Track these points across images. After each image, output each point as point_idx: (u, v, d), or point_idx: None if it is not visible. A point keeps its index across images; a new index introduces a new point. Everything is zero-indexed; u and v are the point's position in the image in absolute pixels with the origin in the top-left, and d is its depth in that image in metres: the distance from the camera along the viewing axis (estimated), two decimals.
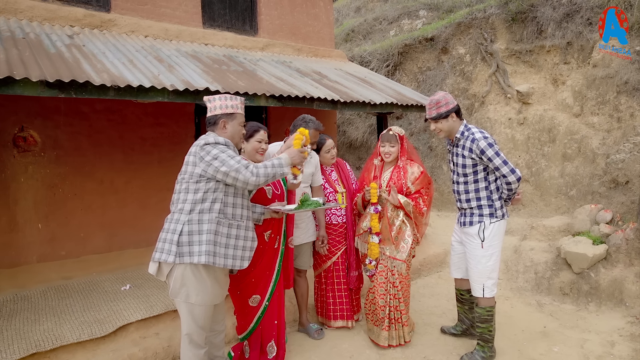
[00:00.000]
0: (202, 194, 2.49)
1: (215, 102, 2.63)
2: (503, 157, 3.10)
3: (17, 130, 4.63)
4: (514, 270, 5.21)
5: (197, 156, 2.49)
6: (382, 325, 3.56)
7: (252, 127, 3.08)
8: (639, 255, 4.43)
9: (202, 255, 2.44)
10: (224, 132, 2.63)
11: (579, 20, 6.86)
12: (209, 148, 2.47)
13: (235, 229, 2.57)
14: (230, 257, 2.54)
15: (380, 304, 3.53)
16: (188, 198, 2.52)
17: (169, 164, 5.67)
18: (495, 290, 3.31)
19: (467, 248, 3.35)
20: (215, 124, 2.63)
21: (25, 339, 3.09)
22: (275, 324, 3.19)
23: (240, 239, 2.59)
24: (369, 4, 13.94)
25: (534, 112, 7.18)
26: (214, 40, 5.68)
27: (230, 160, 2.43)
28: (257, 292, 3.11)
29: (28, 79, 2.95)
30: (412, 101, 5.62)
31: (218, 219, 2.50)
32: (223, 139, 2.54)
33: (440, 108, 3.22)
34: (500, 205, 3.27)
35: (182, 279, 2.50)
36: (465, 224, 3.33)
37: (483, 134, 3.16)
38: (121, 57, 4.11)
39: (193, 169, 2.50)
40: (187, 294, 2.51)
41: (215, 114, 2.63)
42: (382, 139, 3.61)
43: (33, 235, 4.73)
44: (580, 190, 6.19)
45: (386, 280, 3.55)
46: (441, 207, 8.04)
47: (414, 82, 9.26)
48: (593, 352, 3.52)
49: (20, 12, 4.42)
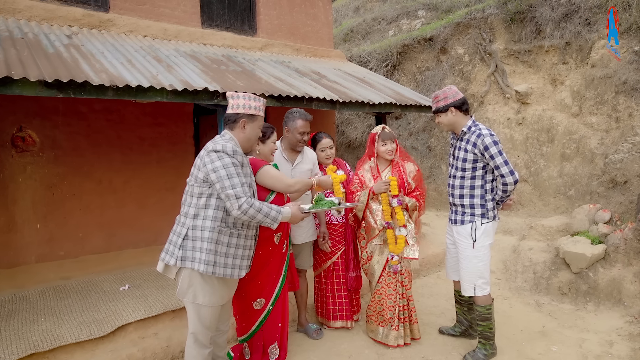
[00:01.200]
0: (205, 199, 2.48)
1: (239, 100, 2.59)
2: (505, 157, 3.12)
3: (16, 130, 4.63)
4: (512, 270, 5.21)
5: (202, 160, 2.47)
6: (392, 326, 3.57)
7: (268, 128, 3.02)
8: (637, 255, 4.44)
9: (202, 263, 2.45)
10: (242, 132, 2.60)
11: (578, 21, 6.87)
12: (214, 156, 2.43)
13: (236, 238, 2.55)
14: (230, 266, 2.53)
15: (388, 304, 3.54)
16: (193, 202, 2.51)
17: (168, 164, 5.68)
18: (488, 289, 3.31)
19: (459, 248, 3.36)
20: (235, 122, 2.59)
21: (24, 340, 3.08)
22: (279, 326, 3.18)
23: (240, 248, 2.58)
24: (368, 4, 13.94)
25: (532, 112, 7.19)
26: (213, 40, 5.68)
27: (226, 181, 2.38)
28: (263, 296, 3.09)
29: (26, 79, 2.95)
30: (411, 101, 5.62)
31: (220, 228, 2.49)
32: (231, 147, 2.46)
33: (439, 102, 3.31)
34: (492, 206, 3.28)
35: (189, 279, 2.50)
36: (457, 222, 3.34)
37: (490, 131, 3.19)
38: (120, 57, 4.11)
39: (198, 172, 2.49)
40: (194, 295, 2.52)
41: (237, 112, 2.58)
42: (382, 138, 3.59)
43: (31, 236, 4.72)
44: (579, 190, 6.20)
45: (395, 281, 3.56)
46: (440, 207, 8.04)
47: (412, 82, 9.27)
48: (591, 352, 3.52)
49: (18, 12, 4.41)
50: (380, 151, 3.60)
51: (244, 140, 2.63)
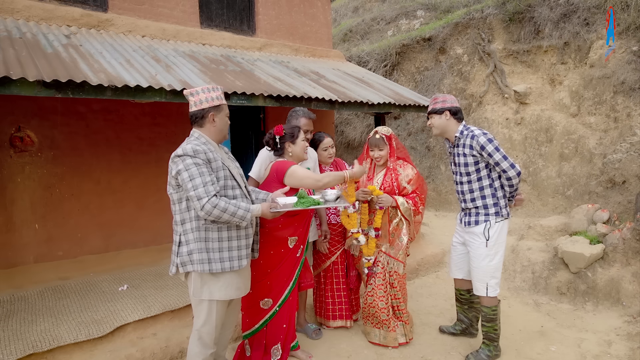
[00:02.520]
0: (185, 202, 2.51)
1: (200, 96, 2.55)
2: (503, 152, 3.14)
3: (14, 130, 4.62)
4: (511, 270, 5.22)
5: (170, 167, 2.52)
6: (388, 327, 3.57)
7: (295, 128, 3.13)
8: (635, 255, 4.44)
9: (197, 264, 2.48)
10: (212, 126, 2.58)
11: (576, 21, 6.88)
12: (178, 160, 2.45)
13: (225, 231, 2.54)
14: (227, 259, 2.53)
15: (380, 307, 3.53)
16: (177, 209, 2.55)
17: (167, 164, 5.61)
18: (498, 290, 3.32)
19: (471, 247, 3.36)
20: (203, 117, 2.55)
21: (22, 340, 3.07)
22: (284, 327, 3.18)
23: (233, 239, 2.56)
24: (367, 4, 13.95)
25: (531, 112, 7.20)
26: (212, 40, 5.67)
27: (188, 183, 2.39)
28: (271, 296, 3.11)
29: (25, 79, 2.94)
30: (410, 101, 5.62)
31: (205, 226, 2.49)
32: (191, 148, 2.43)
33: (436, 104, 3.35)
34: (504, 204, 3.30)
35: (200, 279, 2.53)
36: (470, 223, 3.34)
37: (482, 131, 3.23)
38: (118, 57, 4.10)
39: (171, 179, 2.53)
40: (210, 292, 2.54)
41: (202, 108, 2.54)
42: (370, 144, 3.58)
43: (30, 236, 4.71)
44: (577, 190, 6.21)
45: (384, 282, 3.55)
46: (439, 207, 8.05)
47: (411, 82, 9.27)
48: (590, 352, 3.53)
49: (17, 12, 4.40)
50: (371, 156, 3.62)
51: (216, 133, 2.61)
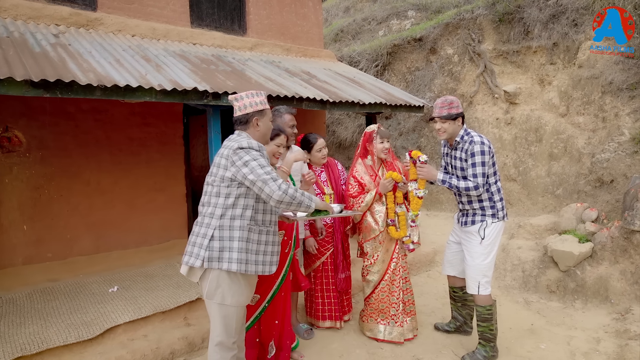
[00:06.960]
0: (233, 199, 2.45)
1: (244, 101, 2.58)
2: (482, 170, 3.15)
3: (2, 131, 4.56)
4: (501, 268, 5.26)
5: (229, 160, 2.43)
6: (396, 322, 3.62)
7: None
8: (623, 253, 4.50)
9: (234, 262, 2.42)
10: (256, 130, 2.59)
11: (565, 22, 6.95)
12: (242, 153, 2.41)
13: (265, 234, 2.55)
14: (261, 263, 2.53)
15: (392, 301, 3.60)
16: (219, 202, 2.47)
17: (157, 165, 5.63)
18: (490, 289, 3.35)
19: (466, 245, 3.39)
20: (247, 122, 2.57)
21: (11, 343, 3.04)
22: (276, 324, 3.19)
23: (269, 244, 2.58)
24: (358, 4, 13.97)
25: (521, 112, 7.25)
26: (202, 40, 5.65)
27: (259, 169, 2.36)
28: (259, 292, 3.10)
29: (12, 79, 2.91)
30: (401, 101, 5.65)
31: (249, 226, 2.48)
32: (256, 143, 2.47)
33: (452, 109, 3.27)
34: (501, 206, 3.33)
35: (217, 281, 2.47)
36: (467, 223, 3.37)
37: (482, 139, 3.21)
38: (108, 56, 4.07)
39: (224, 172, 2.45)
40: (222, 296, 2.49)
41: (246, 113, 2.56)
42: (381, 136, 3.61)
43: (18, 237, 4.66)
44: (567, 189, 6.27)
45: (398, 277, 3.65)
46: (430, 207, 8.08)
47: (402, 82, 9.30)
48: (579, 349, 3.57)
49: (4, 11, 4.34)
50: (377, 149, 3.60)
51: (260, 137, 2.62)
